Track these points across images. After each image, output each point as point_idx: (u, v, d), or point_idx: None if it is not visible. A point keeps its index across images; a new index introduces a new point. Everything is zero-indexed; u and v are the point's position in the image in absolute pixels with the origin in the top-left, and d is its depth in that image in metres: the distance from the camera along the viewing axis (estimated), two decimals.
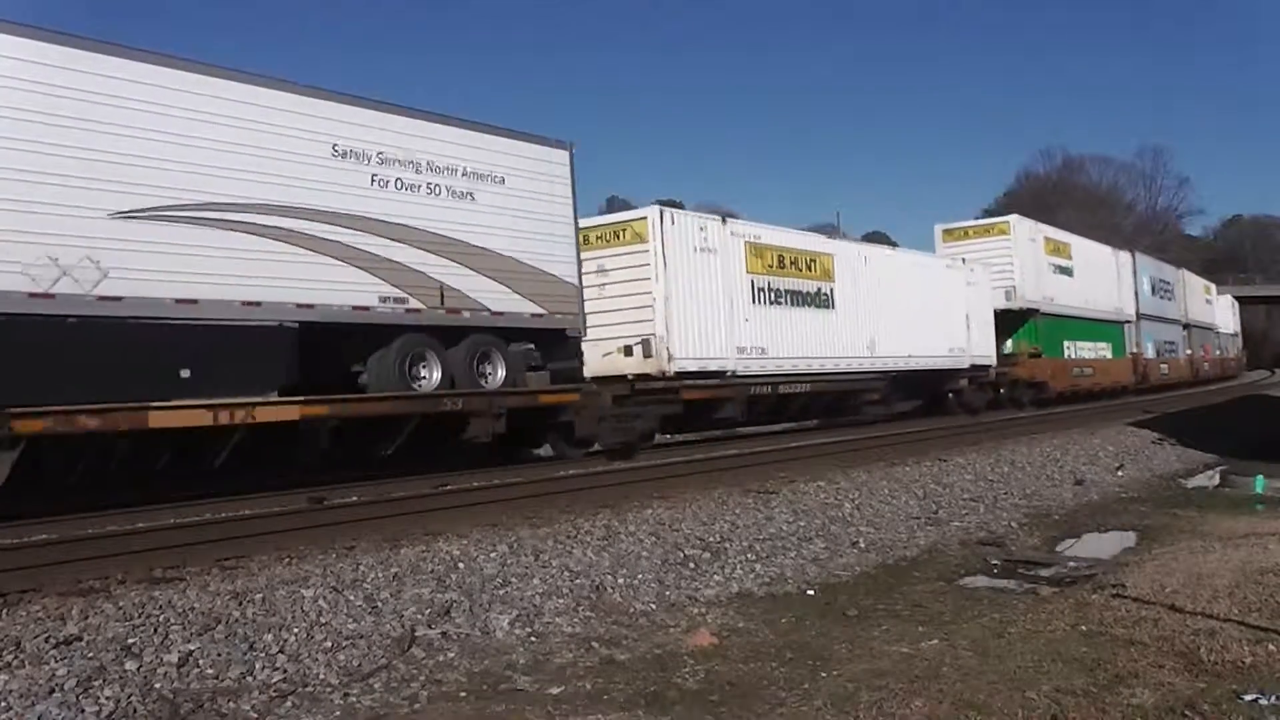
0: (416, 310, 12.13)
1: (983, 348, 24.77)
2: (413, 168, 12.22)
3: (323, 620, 6.14)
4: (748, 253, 17.78)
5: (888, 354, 21.04)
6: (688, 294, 16.28)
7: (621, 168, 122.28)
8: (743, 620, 6.75)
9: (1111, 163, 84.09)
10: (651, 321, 15.74)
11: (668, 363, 15.78)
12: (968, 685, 5.07)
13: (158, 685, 5.10)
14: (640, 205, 18.34)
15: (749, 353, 17.44)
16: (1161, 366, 38.07)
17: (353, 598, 6.55)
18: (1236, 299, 58.44)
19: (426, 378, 12.40)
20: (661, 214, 16.21)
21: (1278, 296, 72.34)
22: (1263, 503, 11.66)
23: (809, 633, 6.40)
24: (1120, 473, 14.84)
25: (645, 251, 15.93)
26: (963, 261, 25.11)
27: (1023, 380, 27.19)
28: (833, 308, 19.66)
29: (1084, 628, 6.10)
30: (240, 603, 6.27)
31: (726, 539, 8.96)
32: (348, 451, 11.94)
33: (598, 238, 16.05)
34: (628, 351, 15.71)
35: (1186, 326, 42.84)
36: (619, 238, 16.28)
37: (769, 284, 18.14)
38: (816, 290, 19.33)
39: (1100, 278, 32.62)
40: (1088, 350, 31.16)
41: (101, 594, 6.43)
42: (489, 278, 12.95)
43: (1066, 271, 29.98)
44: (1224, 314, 53.30)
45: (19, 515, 8.94)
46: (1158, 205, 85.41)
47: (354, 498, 10.31)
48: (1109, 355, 32.83)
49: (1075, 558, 9.07)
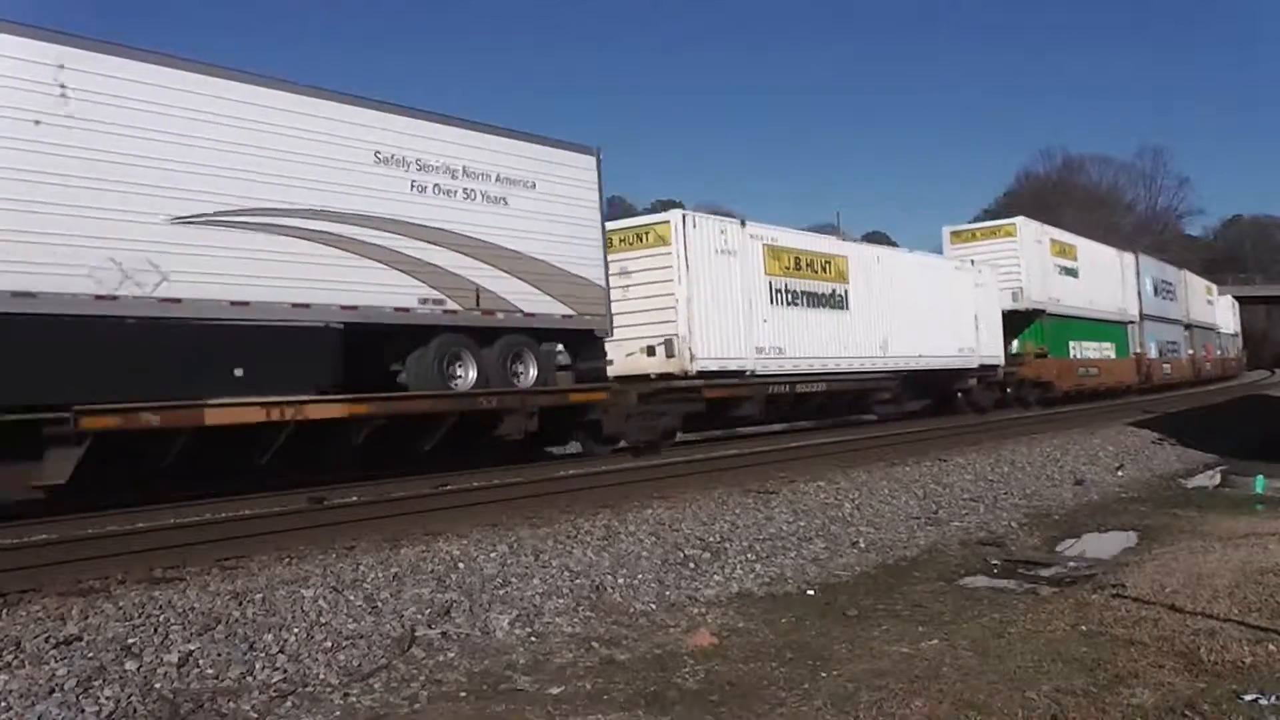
0: (453, 311, 12.50)
1: (991, 348, 25.06)
2: (449, 173, 12.61)
3: (323, 620, 6.14)
4: (765, 255, 18.06)
5: (899, 354, 21.29)
6: (709, 295, 16.58)
7: (621, 168, 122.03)
8: (743, 620, 6.75)
9: (1111, 163, 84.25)
10: (674, 322, 16.06)
11: (690, 362, 16.10)
12: (968, 685, 5.07)
13: (158, 685, 5.10)
14: (640, 205, 18.75)
15: (767, 353, 17.75)
16: (1164, 366, 38.29)
17: (353, 598, 6.55)
18: (1236, 299, 58.57)
19: (462, 377, 12.77)
20: (684, 217, 16.54)
21: (1278, 296, 72.36)
22: (1263, 503, 11.66)
23: (809, 633, 6.40)
24: (1120, 473, 14.84)
25: (668, 254, 16.22)
26: (971, 263, 25.38)
27: (1029, 380, 27.47)
28: (847, 308, 19.93)
29: (1084, 628, 6.10)
30: (240, 603, 6.27)
31: (726, 539, 8.96)
32: (388, 448, 12.21)
33: (621, 240, 16.24)
34: (650, 351, 16.05)
35: (1188, 327, 43.10)
36: (642, 240, 16.56)
37: (786, 285, 18.43)
38: (831, 291, 19.62)
39: (1104, 279, 32.86)
40: (1092, 350, 31.42)
41: (101, 594, 6.43)
42: (521, 280, 13.32)
43: (1072, 273, 30.21)
44: (1224, 314, 53.59)
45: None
46: (1158, 205, 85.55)
47: (354, 498, 10.30)
48: (1113, 355, 33.11)
49: (1075, 558, 9.08)
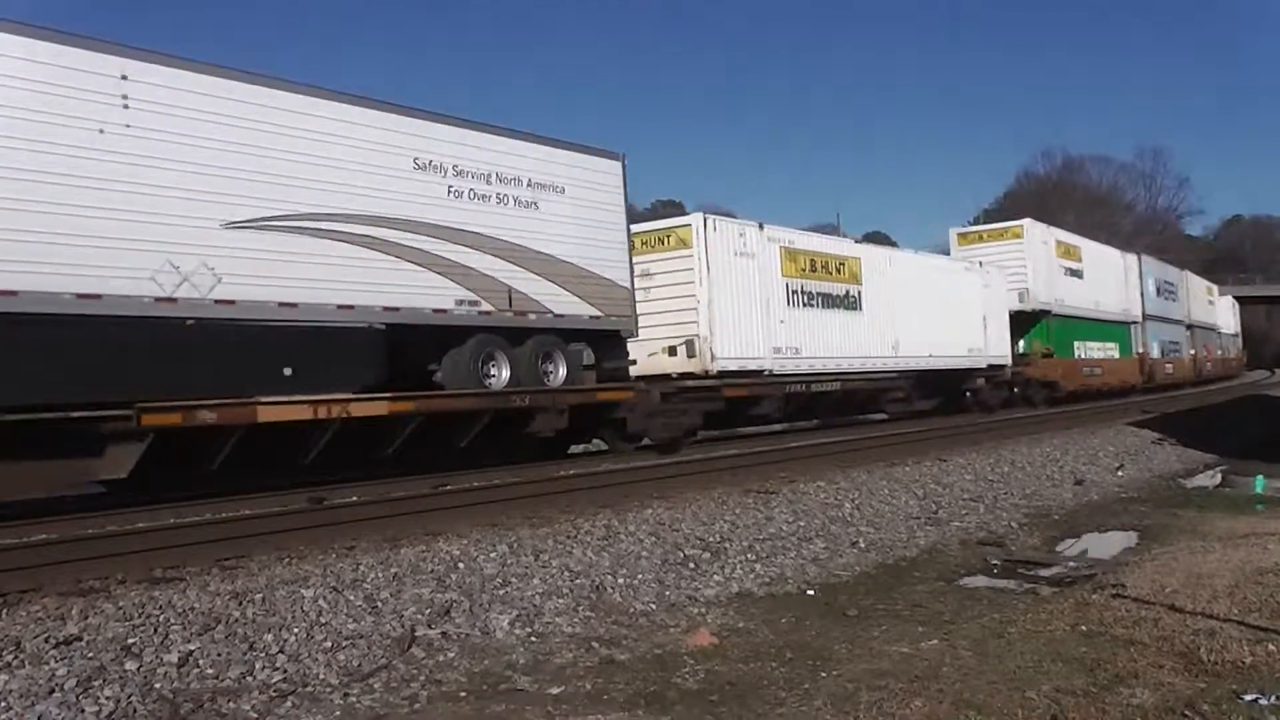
0: (488, 312, 12.89)
1: (999, 348, 25.43)
2: (483, 179, 12.98)
3: (323, 620, 6.14)
4: (782, 257, 18.42)
5: (910, 354, 21.68)
6: (728, 297, 16.95)
7: None
8: (743, 620, 6.75)
9: (1111, 163, 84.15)
10: (695, 323, 16.44)
11: (711, 362, 16.48)
12: (968, 685, 5.07)
13: (158, 685, 5.11)
14: (640, 205, 18.95)
15: (784, 353, 18.13)
16: (1166, 366, 38.57)
17: (353, 598, 6.55)
18: (1236, 299, 58.66)
19: (496, 376, 13.14)
20: (705, 220, 16.88)
21: (1278, 296, 72.39)
22: (1263, 503, 11.67)
23: (809, 633, 6.40)
24: (1120, 473, 14.85)
25: (689, 256, 16.60)
26: (979, 264, 25.73)
27: (1036, 379, 27.80)
28: (860, 309, 20.31)
29: (1084, 628, 6.10)
30: (240, 603, 6.27)
31: (726, 539, 8.96)
32: (425, 446, 12.52)
33: (642, 243, 16.49)
34: (672, 351, 16.43)
35: (1190, 327, 43.36)
36: (663, 243, 16.93)
37: (802, 287, 18.81)
38: (845, 293, 20.01)
39: (1108, 280, 33.19)
40: (1097, 350, 31.73)
41: (101, 594, 6.43)
42: (551, 282, 13.73)
43: (1077, 274, 30.52)
44: (1225, 314, 53.86)
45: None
46: (1158, 205, 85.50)
47: (354, 498, 10.29)
48: (1116, 355, 33.42)
49: (1075, 558, 9.08)
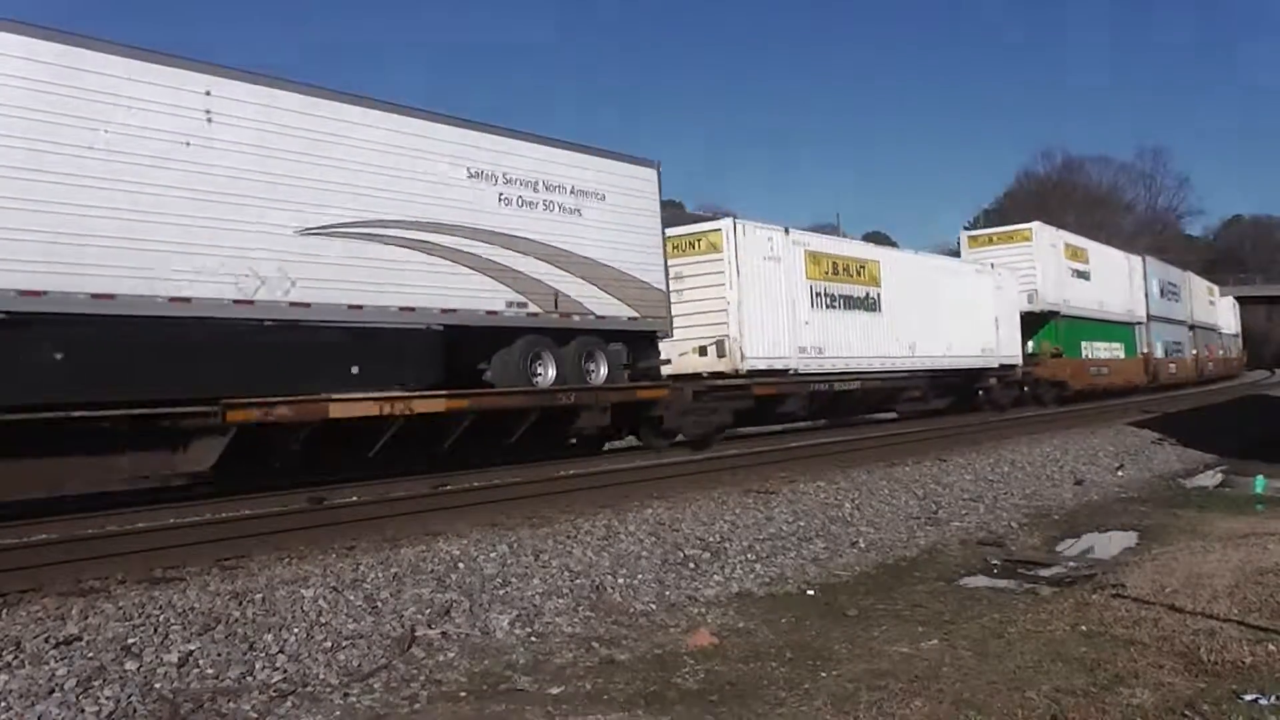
0: (535, 314, 13.48)
1: (1010, 348, 25.92)
2: (531, 187, 13.56)
3: (323, 620, 6.14)
4: (806, 260, 19.00)
5: (927, 354, 22.21)
6: (757, 299, 17.52)
7: None
8: (743, 620, 6.75)
9: (1111, 163, 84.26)
10: (726, 324, 17.01)
11: (741, 361, 17.04)
12: (968, 685, 5.07)
13: (158, 685, 5.11)
14: None
15: (809, 352, 18.70)
16: (1170, 366, 39.00)
17: (353, 598, 6.55)
18: (1237, 299, 58.76)
19: (543, 374, 13.75)
20: (735, 225, 17.45)
21: (1278, 297, 72.37)
22: (1263, 503, 11.67)
23: (809, 633, 6.40)
24: (1120, 473, 14.85)
25: (720, 260, 17.17)
26: (991, 266, 26.17)
27: (1045, 379, 28.27)
28: (879, 311, 20.85)
29: (1084, 628, 6.10)
30: (240, 603, 6.27)
31: (726, 539, 8.96)
32: (478, 442, 12.99)
33: (674, 247, 16.86)
34: (702, 351, 17.02)
35: (1192, 328, 43.76)
36: (694, 247, 17.49)
37: (825, 289, 19.39)
38: (865, 294, 20.56)
39: (1114, 281, 33.62)
40: (1103, 350, 32.19)
41: (101, 594, 6.44)
42: (593, 284, 14.32)
43: (1084, 275, 30.94)
44: (1226, 315, 54.21)
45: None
46: (1158, 205, 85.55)
47: (354, 498, 10.30)
48: (1122, 355, 33.90)
49: (1075, 558, 9.07)
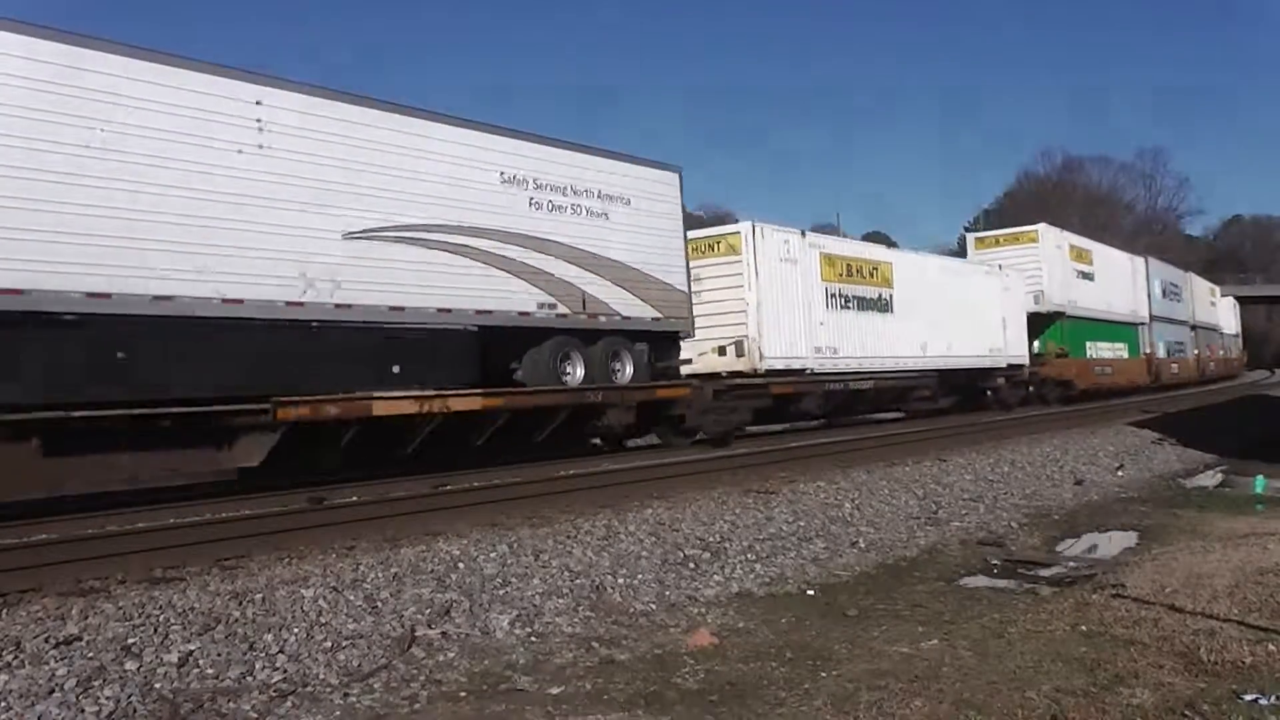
0: (564, 315, 13.91)
1: (1017, 348, 26.40)
2: (560, 191, 14.00)
3: (323, 620, 6.14)
4: (822, 262, 19.43)
5: (937, 354, 22.69)
6: (774, 300, 17.92)
7: None
8: (743, 620, 6.75)
9: (1111, 163, 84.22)
10: (745, 325, 17.41)
11: (759, 361, 17.47)
12: (968, 685, 5.07)
13: (158, 685, 5.11)
14: None
15: (824, 352, 19.15)
16: (1172, 366, 39.32)
17: (353, 598, 6.55)
18: (1237, 299, 58.84)
19: (572, 374, 14.19)
20: (753, 228, 17.79)
21: (1278, 297, 72.39)
22: (1263, 503, 11.66)
23: (809, 633, 6.40)
24: (1120, 473, 14.84)
25: (739, 262, 17.57)
26: (999, 268, 26.50)
27: (1052, 378, 28.62)
28: (891, 311, 21.28)
29: (1084, 628, 6.10)
30: (240, 603, 6.27)
31: (726, 539, 8.96)
32: (508, 439, 13.45)
33: (693, 249, 17.13)
34: (721, 351, 17.40)
35: (1194, 328, 44.06)
36: (714, 249, 17.86)
37: (839, 290, 19.82)
38: (878, 296, 21.01)
39: (1118, 282, 33.92)
40: (1107, 350, 32.52)
41: (101, 594, 6.43)
42: (619, 286, 14.75)
43: (1088, 277, 31.27)
44: (1226, 315, 54.52)
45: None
46: (1158, 205, 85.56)
47: (354, 498, 10.29)
48: (1126, 355, 34.20)
49: (1075, 558, 9.07)
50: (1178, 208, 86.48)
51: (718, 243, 17.89)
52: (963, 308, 23.52)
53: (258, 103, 10.69)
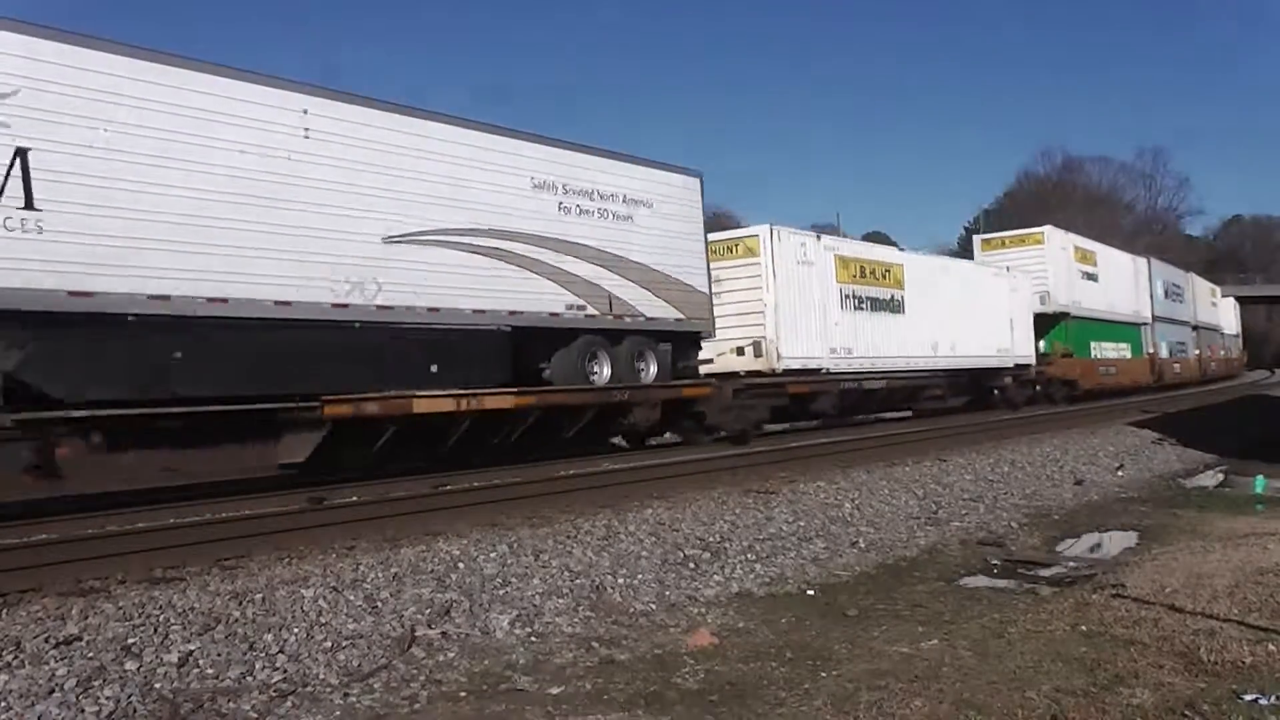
0: (592, 315, 14.24)
1: (1024, 348, 26.71)
2: (587, 196, 14.35)
3: (323, 620, 6.14)
4: (836, 264, 19.76)
5: (946, 354, 23.05)
6: (791, 301, 18.29)
7: None
8: (743, 620, 6.75)
9: (1111, 163, 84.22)
10: (762, 326, 17.76)
11: (777, 361, 17.82)
12: (968, 685, 5.07)
13: (158, 685, 5.11)
14: None
15: (839, 353, 19.48)
16: (1175, 366, 39.62)
17: (353, 598, 6.55)
18: (1237, 299, 58.91)
19: (599, 373, 14.53)
20: (771, 231, 18.11)
21: (1278, 297, 72.38)
22: (1263, 503, 11.67)
23: (809, 633, 6.40)
24: (1120, 473, 14.85)
25: (756, 264, 17.93)
26: (1007, 269, 26.83)
27: (1057, 378, 28.90)
28: (903, 312, 21.63)
29: (1084, 628, 6.10)
30: (240, 603, 6.27)
31: (726, 539, 8.96)
32: (536, 437, 13.82)
33: (712, 251, 17.32)
34: (740, 351, 17.71)
35: (1195, 328, 44.32)
36: (732, 252, 18.20)
37: (853, 292, 20.16)
38: (890, 297, 21.38)
39: (1121, 283, 34.22)
40: (1111, 350, 32.84)
41: (101, 594, 6.43)
42: (643, 288, 15.10)
43: (1092, 278, 31.61)
44: (1227, 315, 54.76)
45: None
46: (1158, 205, 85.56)
47: (354, 498, 10.29)
48: (1129, 355, 34.51)
49: (1075, 558, 9.07)
50: (1178, 208, 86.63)
51: (736, 245, 18.20)
52: (971, 309, 23.83)
53: (304, 111, 11.03)
